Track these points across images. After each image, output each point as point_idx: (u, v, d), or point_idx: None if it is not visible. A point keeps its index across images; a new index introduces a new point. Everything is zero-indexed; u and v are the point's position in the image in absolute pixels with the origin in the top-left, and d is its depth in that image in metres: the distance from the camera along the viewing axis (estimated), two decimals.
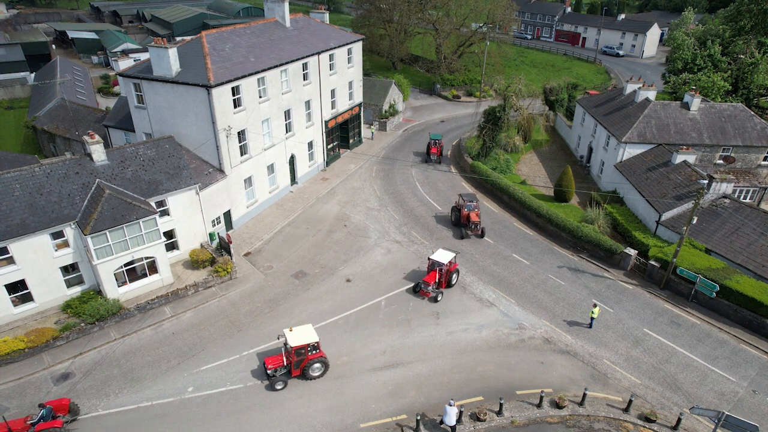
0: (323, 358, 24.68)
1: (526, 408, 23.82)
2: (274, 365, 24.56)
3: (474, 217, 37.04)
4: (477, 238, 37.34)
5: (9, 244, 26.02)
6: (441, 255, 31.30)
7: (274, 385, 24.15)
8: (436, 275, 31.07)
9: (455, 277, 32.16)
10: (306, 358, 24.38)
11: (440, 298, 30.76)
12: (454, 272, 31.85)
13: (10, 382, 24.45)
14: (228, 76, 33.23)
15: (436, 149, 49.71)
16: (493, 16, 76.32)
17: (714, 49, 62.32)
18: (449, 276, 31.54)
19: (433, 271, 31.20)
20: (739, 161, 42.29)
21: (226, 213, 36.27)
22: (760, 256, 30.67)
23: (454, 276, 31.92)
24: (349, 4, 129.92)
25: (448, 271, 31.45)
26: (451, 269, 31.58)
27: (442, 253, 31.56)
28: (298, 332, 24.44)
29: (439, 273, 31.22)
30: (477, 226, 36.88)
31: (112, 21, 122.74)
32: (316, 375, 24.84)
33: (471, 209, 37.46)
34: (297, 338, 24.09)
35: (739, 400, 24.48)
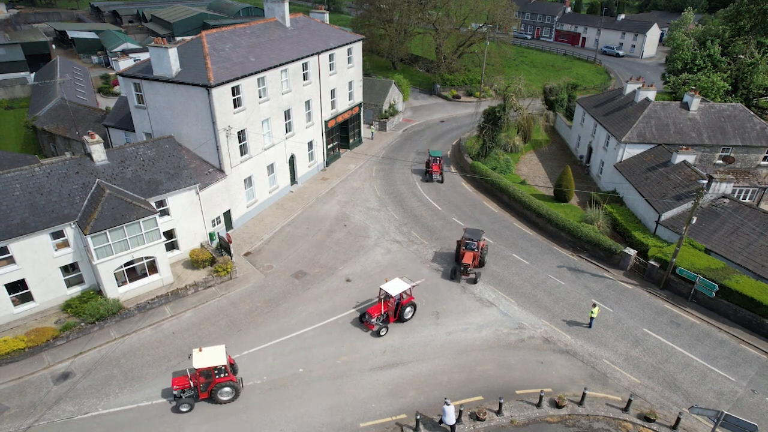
0: (232, 382, 23.13)
1: (525, 407, 23.85)
2: (180, 386, 22.99)
3: (467, 259, 31.93)
4: (469, 283, 32.23)
5: (9, 244, 26.04)
6: (394, 285, 27.78)
7: (179, 407, 22.66)
8: (383, 308, 28.05)
9: (409, 311, 28.57)
10: (213, 382, 22.89)
11: (384, 332, 27.59)
12: (408, 306, 28.31)
13: (10, 382, 24.47)
14: (228, 76, 33.26)
15: (438, 167, 46.21)
16: (493, 16, 76.37)
17: (714, 50, 62.36)
18: (401, 310, 28.15)
19: (380, 303, 28.30)
20: (739, 161, 42.33)
21: (226, 213, 36.29)
22: (759, 256, 30.71)
23: (407, 310, 28.42)
24: (349, 4, 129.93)
25: (400, 305, 28.07)
26: (404, 302, 28.12)
27: (396, 282, 28.06)
28: (207, 353, 22.78)
29: (388, 305, 28.18)
30: (468, 269, 31.87)
31: (112, 21, 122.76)
32: (225, 399, 23.20)
33: (470, 248, 32.73)
34: (203, 360, 22.43)
35: (738, 400, 24.51)
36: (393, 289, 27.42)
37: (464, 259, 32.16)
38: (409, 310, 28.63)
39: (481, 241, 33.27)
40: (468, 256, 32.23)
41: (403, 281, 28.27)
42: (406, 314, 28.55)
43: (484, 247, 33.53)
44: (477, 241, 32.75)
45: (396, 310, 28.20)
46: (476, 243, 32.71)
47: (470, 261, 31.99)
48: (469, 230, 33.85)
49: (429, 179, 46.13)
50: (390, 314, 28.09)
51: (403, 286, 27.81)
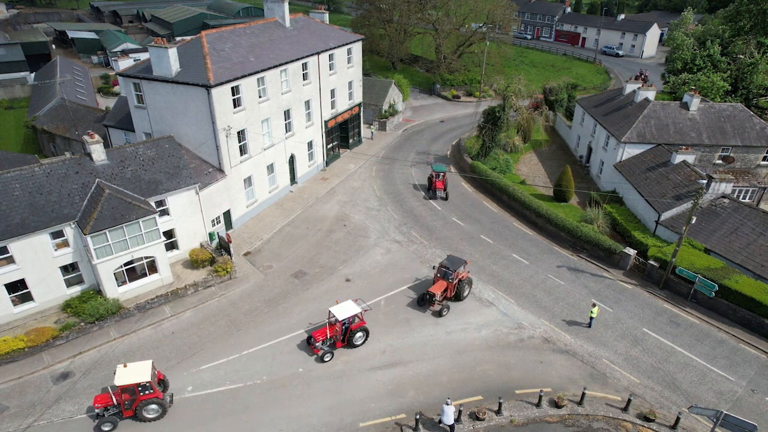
0: (158, 399, 22.08)
1: (525, 407, 23.86)
2: (102, 404, 21.94)
3: (435, 288, 29.20)
4: (434, 316, 29.52)
5: (9, 244, 26.05)
6: (344, 308, 25.91)
7: (101, 426, 21.61)
8: (328, 331, 26.14)
9: (360, 337, 26.55)
10: (137, 399, 21.79)
11: (328, 358, 25.70)
12: (358, 331, 26.41)
13: (10, 382, 24.48)
14: (228, 76, 33.27)
15: (442, 183, 42.82)
16: (493, 16, 76.37)
17: (713, 50, 62.37)
18: (350, 335, 26.25)
19: (326, 327, 26.46)
20: (739, 161, 42.34)
21: (226, 213, 36.30)
22: (759, 256, 30.72)
23: (358, 335, 26.44)
24: (349, 4, 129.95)
25: (349, 330, 26.33)
26: (353, 327, 26.41)
27: (346, 305, 26.14)
28: (132, 369, 21.83)
29: (335, 329, 26.34)
30: (433, 298, 28.88)
31: (112, 21, 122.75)
32: (150, 417, 22.17)
33: (445, 278, 29.60)
34: (126, 377, 21.51)
35: (737, 400, 24.53)
36: (342, 313, 25.57)
37: (432, 287, 29.49)
38: (360, 335, 26.56)
39: (462, 272, 30.15)
40: (437, 286, 29.42)
41: (355, 304, 26.27)
42: (356, 340, 26.51)
43: (465, 279, 30.13)
44: (454, 271, 29.42)
45: (345, 335, 26.40)
46: (453, 273, 29.41)
47: (437, 291, 29.00)
48: (450, 258, 30.52)
49: (432, 197, 43.05)
50: (337, 339, 26.31)
51: (354, 309, 25.86)
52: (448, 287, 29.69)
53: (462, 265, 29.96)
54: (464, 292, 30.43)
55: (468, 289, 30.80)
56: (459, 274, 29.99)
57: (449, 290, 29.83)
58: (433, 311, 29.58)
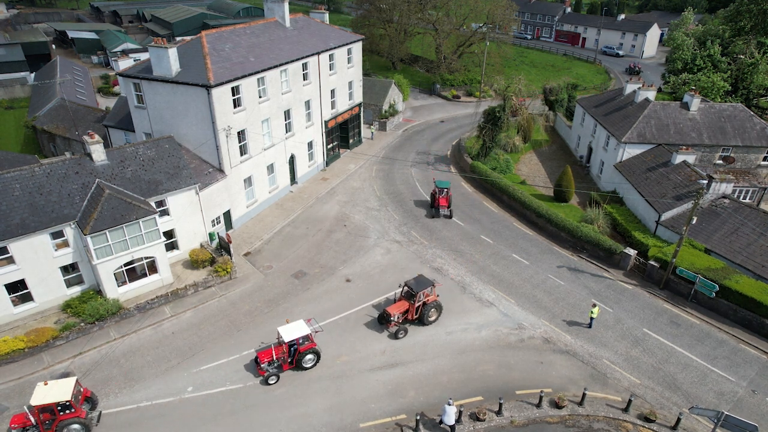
0: (80, 419, 20.90)
1: (525, 408, 23.84)
2: (19, 424, 20.82)
3: (392, 309, 27.63)
4: (391, 337, 27.65)
5: (9, 244, 26.04)
6: (292, 328, 24.44)
7: None
8: (274, 352, 24.85)
9: (310, 359, 25.04)
10: (57, 419, 20.60)
11: (273, 381, 24.34)
12: (308, 352, 24.89)
13: (10, 382, 24.46)
14: (228, 76, 33.25)
15: (446, 200, 39.68)
16: (493, 16, 76.37)
17: (714, 50, 62.36)
18: (299, 357, 24.78)
19: (271, 348, 25.13)
20: (739, 161, 42.31)
21: (226, 213, 36.28)
22: (759, 256, 30.70)
23: (307, 358, 24.93)
24: (349, 4, 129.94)
25: (298, 351, 24.77)
26: (302, 348, 24.75)
27: (297, 325, 24.67)
28: (52, 387, 20.67)
29: (280, 350, 25.02)
30: (389, 318, 27.46)
31: (112, 21, 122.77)
32: None
33: (409, 298, 28.07)
34: (44, 396, 20.36)
35: (738, 400, 24.50)
36: (289, 333, 24.10)
37: (392, 306, 27.98)
38: (309, 357, 24.97)
39: (430, 294, 28.21)
40: (397, 306, 27.87)
41: (306, 325, 24.81)
42: (305, 362, 24.95)
43: (431, 303, 28.09)
44: (418, 292, 27.33)
45: (293, 357, 24.94)
46: (417, 295, 27.39)
47: (395, 311, 27.48)
48: (418, 278, 28.26)
49: (435, 215, 39.69)
50: (284, 361, 24.89)
51: (303, 330, 24.39)
52: (409, 309, 27.89)
53: (429, 287, 27.77)
54: (430, 316, 28.29)
55: (436, 315, 28.53)
56: (426, 296, 28.00)
57: (411, 312, 27.89)
58: (390, 332, 27.84)
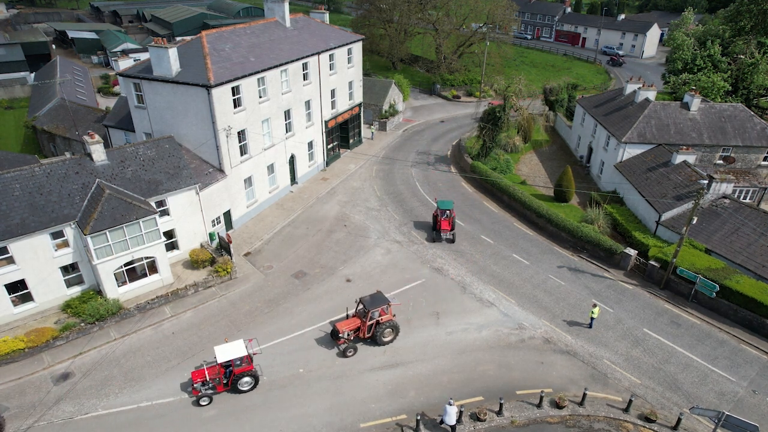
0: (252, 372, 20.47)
1: (526, 408, 23.83)
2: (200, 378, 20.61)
3: (342, 325, 26.40)
4: (339, 355, 26.36)
5: (9, 244, 26.02)
6: (229, 348, 23.18)
7: None
8: (206, 373, 23.60)
9: (247, 383, 23.59)
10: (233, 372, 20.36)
11: (204, 402, 23.04)
12: (244, 375, 23.41)
13: (10, 382, 24.44)
14: (228, 76, 33.23)
15: (448, 223, 36.22)
16: (493, 16, 76.38)
17: (714, 50, 62.34)
18: (234, 379, 23.38)
19: (203, 369, 23.83)
20: (739, 161, 42.30)
21: (226, 213, 36.27)
22: (759, 256, 30.68)
23: (244, 380, 23.50)
24: (349, 4, 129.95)
25: (233, 373, 23.34)
26: (237, 371, 23.28)
27: (234, 345, 23.36)
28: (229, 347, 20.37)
29: (213, 371, 23.75)
30: (337, 334, 26.22)
31: (112, 21, 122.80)
32: None
33: (361, 316, 26.80)
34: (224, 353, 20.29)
35: (739, 400, 24.49)
36: (224, 354, 22.79)
37: (342, 322, 26.82)
38: (246, 380, 23.58)
39: (385, 313, 26.67)
40: (347, 322, 26.66)
41: (244, 345, 23.49)
42: (241, 385, 23.52)
43: (386, 323, 26.45)
44: (370, 310, 25.96)
45: (228, 379, 23.58)
46: (369, 313, 25.99)
47: (344, 327, 26.30)
48: (374, 295, 26.95)
49: (437, 238, 36.32)
50: (218, 383, 23.58)
51: (241, 351, 23.05)
52: (360, 327, 26.64)
53: (384, 306, 26.31)
54: (384, 336, 26.73)
55: (391, 336, 26.97)
56: (383, 314, 26.56)
57: (362, 330, 26.57)
58: (338, 349, 26.58)
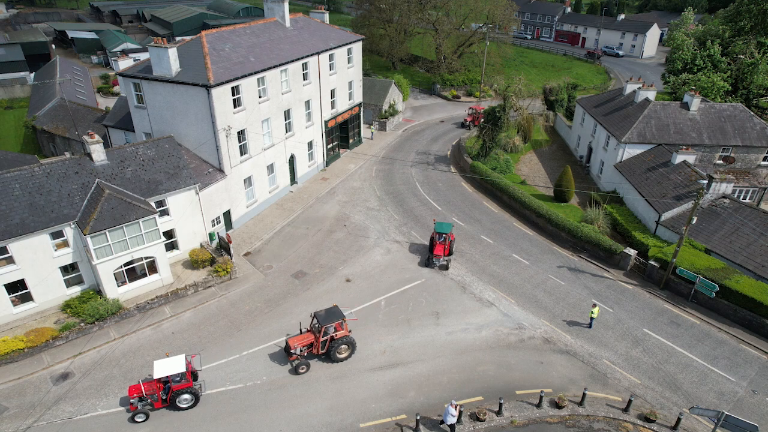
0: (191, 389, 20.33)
1: (525, 408, 23.83)
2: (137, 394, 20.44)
3: (294, 341, 25.10)
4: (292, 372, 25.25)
5: (8, 244, 26.02)
6: (169, 363, 22.26)
7: None
8: (142, 388, 22.48)
9: (186, 400, 22.72)
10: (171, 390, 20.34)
11: (140, 419, 22.25)
12: (183, 392, 22.54)
13: (10, 382, 24.44)
14: (228, 76, 33.23)
15: (443, 247, 33.32)
16: (493, 16, 76.39)
17: (714, 50, 62.35)
18: (173, 396, 22.56)
19: (139, 384, 22.69)
20: (739, 161, 42.30)
21: (226, 213, 36.26)
22: (759, 256, 30.68)
23: (183, 398, 22.63)
24: (349, 4, 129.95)
25: (171, 390, 22.58)
26: (175, 387, 22.45)
27: (174, 360, 22.42)
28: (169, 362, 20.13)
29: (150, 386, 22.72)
30: (289, 350, 25.06)
31: (111, 21, 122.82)
32: None
33: (314, 331, 25.67)
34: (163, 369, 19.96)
35: (738, 400, 24.50)
36: (162, 369, 21.89)
37: (294, 337, 25.54)
38: (185, 398, 22.60)
39: (341, 328, 25.65)
40: (300, 338, 25.41)
41: (185, 361, 22.53)
42: (180, 402, 22.58)
43: (341, 339, 25.35)
44: (324, 326, 24.90)
45: (167, 395, 22.61)
46: (323, 328, 24.96)
47: (296, 343, 25.01)
48: (329, 310, 25.77)
49: (430, 264, 33.51)
50: (155, 399, 22.64)
51: (180, 367, 22.10)
52: (314, 343, 25.56)
53: (340, 321, 25.31)
54: (340, 353, 25.63)
55: (347, 352, 25.82)
56: (338, 328, 25.59)
57: (316, 347, 25.51)
58: (291, 365, 25.45)
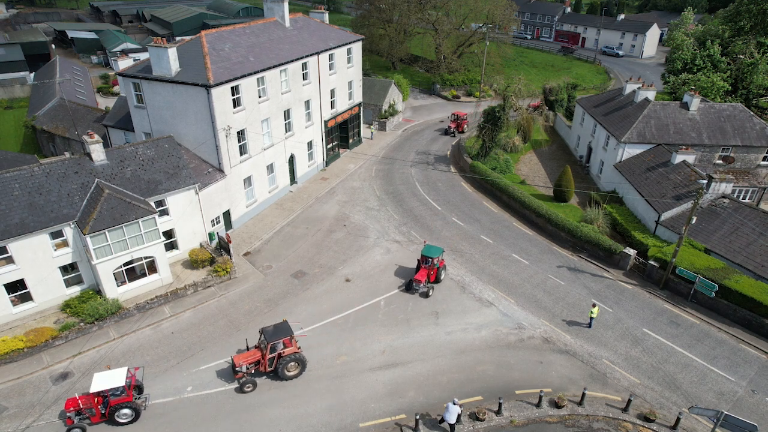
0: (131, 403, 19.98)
1: (525, 408, 23.83)
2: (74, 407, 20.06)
3: (240, 358, 24.02)
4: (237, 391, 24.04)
5: (8, 244, 26.02)
6: (108, 376, 21.42)
7: None
8: (79, 401, 21.70)
9: (126, 415, 21.82)
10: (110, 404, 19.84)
11: None
12: (123, 407, 21.63)
13: (9, 382, 24.43)
14: (227, 75, 33.23)
15: (430, 272, 31.14)
16: (493, 16, 76.43)
17: (713, 50, 62.36)
18: (111, 410, 21.74)
19: (75, 398, 22.06)
20: (739, 161, 42.30)
21: (226, 213, 36.26)
22: (759, 256, 30.69)
23: (122, 412, 21.71)
24: (349, 4, 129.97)
25: (109, 405, 21.66)
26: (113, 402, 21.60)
27: (113, 373, 21.60)
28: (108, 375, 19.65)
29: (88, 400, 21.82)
30: (234, 368, 24.03)
31: (111, 21, 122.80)
32: None
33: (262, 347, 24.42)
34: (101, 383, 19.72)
35: (738, 400, 24.50)
36: (100, 383, 21.04)
37: (240, 354, 24.44)
38: (125, 412, 21.82)
39: (290, 345, 24.43)
40: (246, 355, 24.35)
41: (125, 374, 21.69)
42: (119, 417, 21.79)
43: (289, 356, 24.11)
44: (270, 342, 23.73)
45: (106, 409, 21.75)
46: (269, 344, 23.77)
47: (242, 360, 23.97)
48: (278, 325, 24.60)
49: (408, 289, 31.11)
50: (92, 413, 21.80)
51: (119, 380, 21.29)
52: (261, 360, 24.43)
53: (288, 337, 24.08)
54: (288, 370, 24.39)
55: (296, 370, 24.58)
56: (288, 344, 24.41)
57: (263, 364, 24.37)
58: (238, 383, 24.13)
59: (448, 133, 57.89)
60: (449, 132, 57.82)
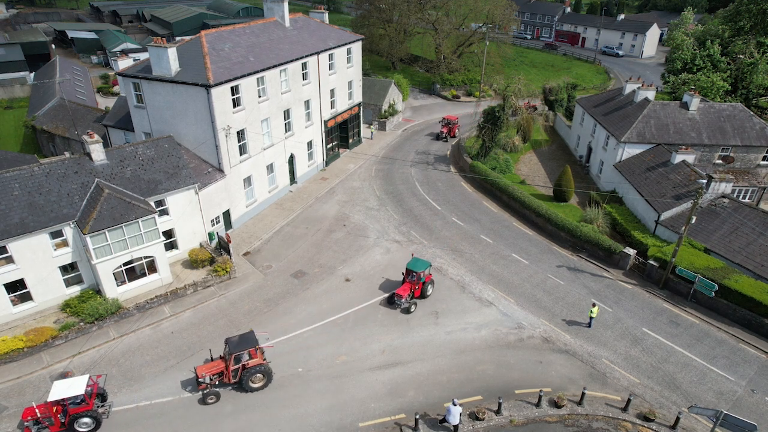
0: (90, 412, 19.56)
1: (524, 407, 23.84)
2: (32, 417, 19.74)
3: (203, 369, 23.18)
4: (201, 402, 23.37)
5: (8, 244, 26.03)
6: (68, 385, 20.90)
7: None
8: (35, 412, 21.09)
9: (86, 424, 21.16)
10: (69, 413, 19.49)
11: None
12: (83, 415, 21.01)
13: (9, 382, 24.45)
14: (227, 75, 33.24)
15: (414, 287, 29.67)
16: (493, 16, 76.45)
17: (713, 49, 62.38)
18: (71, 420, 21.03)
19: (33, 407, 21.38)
20: (738, 161, 42.31)
21: (226, 212, 36.27)
22: (758, 256, 30.70)
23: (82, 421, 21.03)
24: (348, 4, 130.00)
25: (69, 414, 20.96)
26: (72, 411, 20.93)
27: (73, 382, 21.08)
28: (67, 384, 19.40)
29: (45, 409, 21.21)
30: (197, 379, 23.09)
31: (111, 21, 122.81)
32: None
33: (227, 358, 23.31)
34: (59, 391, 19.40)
35: (737, 400, 24.51)
36: (59, 391, 20.52)
37: (203, 365, 23.70)
38: (85, 422, 21.19)
39: (255, 356, 23.68)
40: (210, 365, 23.56)
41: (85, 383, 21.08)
42: (79, 426, 21.20)
43: (255, 367, 23.41)
44: (234, 353, 23.06)
45: (66, 418, 21.10)
46: (232, 355, 23.09)
47: (205, 371, 23.21)
48: (244, 335, 23.96)
49: (389, 303, 29.99)
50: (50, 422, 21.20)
51: (78, 389, 20.68)
52: (222, 370, 23.61)
53: (253, 347, 23.38)
54: (254, 382, 23.65)
55: (261, 382, 23.82)
56: (254, 356, 23.60)
57: (226, 375, 23.57)
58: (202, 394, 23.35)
59: (440, 138, 56.00)
60: (441, 137, 55.86)
